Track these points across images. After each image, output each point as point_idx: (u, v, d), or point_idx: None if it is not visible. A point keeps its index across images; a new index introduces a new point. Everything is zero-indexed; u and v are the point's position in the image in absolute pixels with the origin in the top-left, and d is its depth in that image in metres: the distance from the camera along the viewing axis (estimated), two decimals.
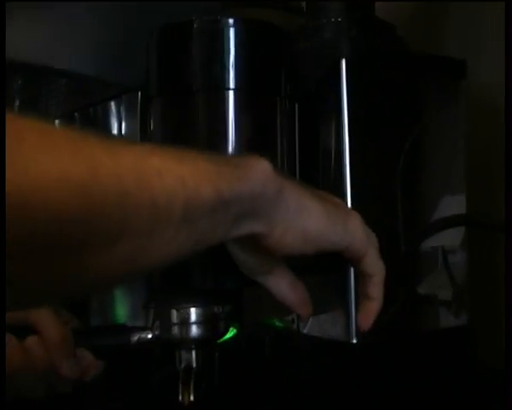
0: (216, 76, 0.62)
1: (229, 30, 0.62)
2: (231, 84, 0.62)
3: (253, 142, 0.63)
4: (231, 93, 0.62)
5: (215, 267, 0.64)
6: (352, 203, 0.67)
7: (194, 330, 0.67)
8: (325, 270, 0.64)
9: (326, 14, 0.73)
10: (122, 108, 0.80)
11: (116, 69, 0.79)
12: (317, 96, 0.68)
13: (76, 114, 0.87)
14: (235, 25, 0.62)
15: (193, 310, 0.67)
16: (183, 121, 0.64)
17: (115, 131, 0.85)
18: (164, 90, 0.65)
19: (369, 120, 0.70)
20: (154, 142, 0.67)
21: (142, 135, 0.73)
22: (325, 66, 0.67)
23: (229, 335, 0.70)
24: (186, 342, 0.68)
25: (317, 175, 0.68)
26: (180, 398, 0.67)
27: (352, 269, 0.65)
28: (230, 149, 0.61)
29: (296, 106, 0.66)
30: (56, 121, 0.97)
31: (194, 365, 0.68)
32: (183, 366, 0.68)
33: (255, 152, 0.52)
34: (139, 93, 0.75)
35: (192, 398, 0.66)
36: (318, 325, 0.68)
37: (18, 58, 0.75)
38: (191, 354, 0.68)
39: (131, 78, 0.76)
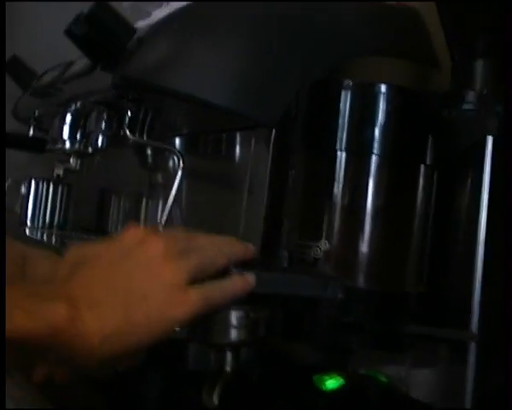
0: (363, 140, 0.63)
1: (382, 96, 0.62)
2: (377, 150, 0.62)
3: (391, 206, 0.64)
4: (376, 159, 0.62)
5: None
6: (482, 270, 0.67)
7: (233, 333, 0.66)
8: None
9: (471, 81, 0.73)
10: (253, 141, 0.81)
11: (248, 98, 0.80)
12: (456, 165, 0.69)
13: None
14: (388, 91, 0.62)
15: (232, 313, 0.66)
16: (323, 178, 0.64)
17: (238, 160, 0.86)
18: (308, 144, 0.66)
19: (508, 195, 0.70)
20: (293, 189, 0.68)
21: (272, 171, 0.74)
22: (470, 139, 0.67)
23: (335, 385, 0.70)
24: (223, 345, 0.67)
25: (449, 241, 0.69)
26: (204, 399, 0.66)
27: None
28: (369, 212, 0.62)
29: (436, 173, 0.66)
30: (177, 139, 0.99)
31: (228, 368, 0.67)
32: (215, 367, 0.68)
33: (393, 216, 0.53)
34: (274, 131, 0.76)
35: (216, 402, 0.66)
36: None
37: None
38: (225, 356, 0.68)
39: (261, 108, 0.77)
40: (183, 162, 0.84)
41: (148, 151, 1.10)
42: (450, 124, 0.69)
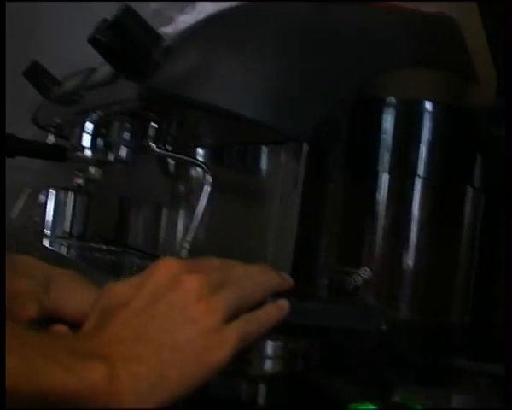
0: (407, 161, 0.59)
1: (427, 113, 0.58)
2: (423, 172, 0.58)
3: (436, 232, 0.60)
4: (422, 181, 0.59)
5: None
6: None
7: (268, 364, 0.63)
8: None
9: None
10: (283, 154, 0.77)
11: (278, 111, 0.76)
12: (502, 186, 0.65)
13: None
14: (434, 108, 0.58)
15: (268, 343, 0.63)
16: (365, 200, 0.61)
17: (265, 173, 0.83)
18: (349, 164, 0.62)
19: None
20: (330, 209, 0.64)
21: (305, 187, 0.71)
22: None
23: None
24: (257, 376, 0.64)
25: (496, 269, 0.65)
26: None
27: None
28: (413, 237, 0.58)
29: (484, 196, 0.63)
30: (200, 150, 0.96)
31: (261, 401, 0.65)
32: (247, 398, 0.65)
33: (438, 242, 0.49)
34: (306, 145, 0.73)
35: None
36: None
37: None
38: (259, 388, 0.65)
39: (293, 121, 0.73)
40: (210, 175, 0.80)
41: (171, 160, 1.07)
42: (500, 143, 0.65)
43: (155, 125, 0.81)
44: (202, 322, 0.55)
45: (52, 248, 1.08)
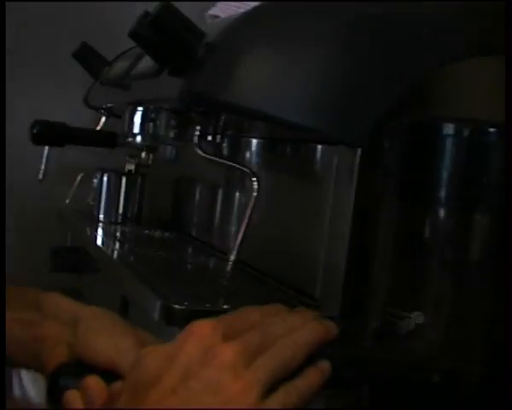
0: (466, 194, 0.53)
1: (487, 139, 0.52)
2: (484, 207, 0.52)
3: (499, 274, 0.54)
4: (483, 216, 0.53)
5: None
6: None
7: None
8: None
9: None
10: (335, 157, 0.72)
11: (329, 115, 0.71)
12: None
13: None
14: (496, 133, 0.52)
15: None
16: (421, 234, 0.55)
17: (318, 172, 0.78)
18: (401, 194, 0.57)
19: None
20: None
21: (357, 193, 0.66)
22: None
23: None
24: None
25: None
26: None
27: None
28: (474, 279, 0.53)
29: None
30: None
31: None
32: None
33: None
34: (358, 151, 0.68)
35: None
36: None
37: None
38: None
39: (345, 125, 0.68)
40: (259, 184, 0.76)
41: (224, 144, 1.03)
42: None
43: (199, 128, 0.76)
44: (239, 402, 0.52)
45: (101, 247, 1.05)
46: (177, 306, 0.67)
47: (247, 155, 0.95)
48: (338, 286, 0.67)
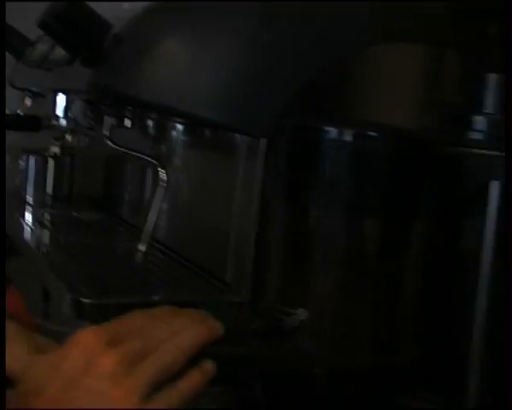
0: (349, 198, 0.54)
1: (371, 145, 0.52)
2: (368, 210, 0.53)
3: (381, 269, 0.56)
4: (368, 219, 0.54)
5: None
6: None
7: None
8: None
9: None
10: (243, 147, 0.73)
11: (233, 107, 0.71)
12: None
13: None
14: (381, 138, 0.53)
15: None
16: (306, 236, 0.56)
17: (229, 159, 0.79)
18: (291, 192, 0.57)
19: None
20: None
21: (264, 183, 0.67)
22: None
23: None
24: None
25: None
26: None
27: None
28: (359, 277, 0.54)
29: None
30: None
31: None
32: None
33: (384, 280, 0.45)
34: (265, 140, 0.69)
35: None
36: None
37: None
38: None
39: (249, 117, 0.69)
40: (167, 178, 0.76)
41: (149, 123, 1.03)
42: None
43: (110, 119, 0.77)
44: (120, 407, 0.53)
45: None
46: (86, 300, 0.67)
47: (165, 138, 0.95)
48: (247, 272, 0.69)
